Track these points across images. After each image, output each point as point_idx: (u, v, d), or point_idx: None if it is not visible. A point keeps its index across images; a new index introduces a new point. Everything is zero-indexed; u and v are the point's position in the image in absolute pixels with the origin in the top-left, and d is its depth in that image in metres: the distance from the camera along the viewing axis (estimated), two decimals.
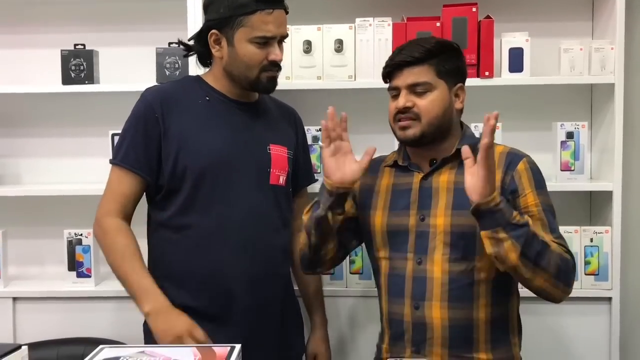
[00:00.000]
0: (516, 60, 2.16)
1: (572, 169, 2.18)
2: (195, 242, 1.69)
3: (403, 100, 1.56)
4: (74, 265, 2.27)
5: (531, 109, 2.36)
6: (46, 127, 2.47)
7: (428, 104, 1.56)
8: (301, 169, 1.91)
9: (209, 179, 1.69)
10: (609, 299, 2.14)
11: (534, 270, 1.42)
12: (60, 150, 2.47)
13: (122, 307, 2.22)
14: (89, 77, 2.26)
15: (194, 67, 2.16)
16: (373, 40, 2.18)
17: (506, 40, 2.17)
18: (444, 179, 1.59)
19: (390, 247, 1.62)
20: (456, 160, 1.58)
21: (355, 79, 2.20)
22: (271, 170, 1.75)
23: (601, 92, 2.27)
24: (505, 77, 2.18)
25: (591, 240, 2.15)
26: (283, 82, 2.20)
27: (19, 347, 1.24)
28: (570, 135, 2.17)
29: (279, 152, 1.79)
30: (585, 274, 2.15)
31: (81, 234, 2.27)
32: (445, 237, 1.54)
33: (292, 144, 1.85)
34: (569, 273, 1.49)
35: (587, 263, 2.15)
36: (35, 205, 2.44)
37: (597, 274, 2.15)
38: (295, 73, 2.21)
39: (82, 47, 2.27)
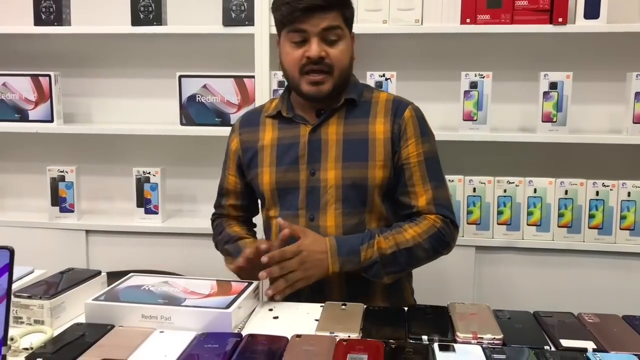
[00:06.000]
0: (592, 5, 2.06)
1: None
2: None
3: (317, 49, 1.39)
4: (142, 201, 2.37)
5: (605, 57, 2.26)
6: (116, 68, 2.54)
7: (340, 54, 1.43)
8: None
9: None
10: None
11: (411, 268, 1.49)
12: (129, 90, 2.54)
13: (186, 242, 2.34)
14: (157, 18, 2.29)
15: (260, 11, 2.18)
16: None
17: None
18: (332, 130, 1.49)
19: (280, 205, 1.52)
20: (343, 109, 1.50)
21: (422, 24, 2.16)
22: None
23: None
24: (579, 24, 2.09)
25: (629, 194, 2.09)
26: None
27: (99, 272, 1.34)
28: None
29: None
30: (620, 229, 2.11)
31: (149, 173, 2.35)
32: (336, 191, 1.46)
33: None
34: (445, 241, 1.45)
35: (622, 217, 2.10)
36: (105, 144, 2.55)
37: (633, 229, 2.10)
38: (360, 17, 2.17)
39: None
